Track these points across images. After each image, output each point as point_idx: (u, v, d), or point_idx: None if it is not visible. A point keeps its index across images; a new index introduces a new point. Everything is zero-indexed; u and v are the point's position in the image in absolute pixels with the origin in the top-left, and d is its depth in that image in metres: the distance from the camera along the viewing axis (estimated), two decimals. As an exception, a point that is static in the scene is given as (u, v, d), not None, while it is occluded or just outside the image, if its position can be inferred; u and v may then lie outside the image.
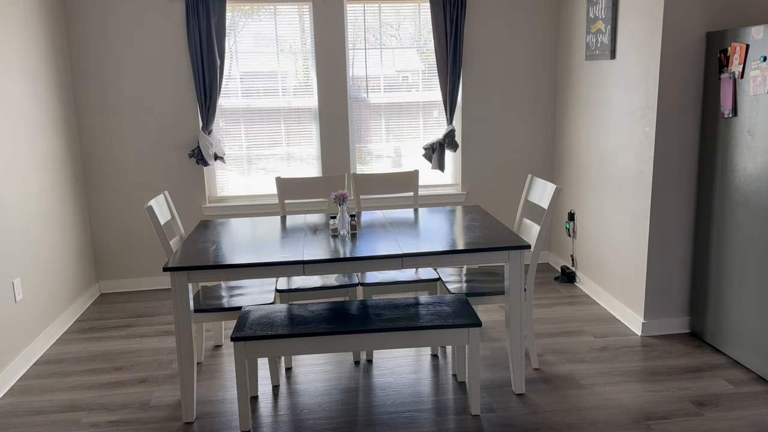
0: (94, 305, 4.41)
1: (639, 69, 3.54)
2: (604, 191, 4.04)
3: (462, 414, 2.86)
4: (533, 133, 4.79)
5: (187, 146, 4.52)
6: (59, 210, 4.02)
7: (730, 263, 3.24)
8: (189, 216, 4.62)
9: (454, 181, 4.86)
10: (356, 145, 4.73)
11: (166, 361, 3.50)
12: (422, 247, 2.82)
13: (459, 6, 4.33)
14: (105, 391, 3.17)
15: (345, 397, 3.04)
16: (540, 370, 3.25)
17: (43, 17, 3.91)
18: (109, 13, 4.28)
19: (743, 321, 3.18)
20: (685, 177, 3.48)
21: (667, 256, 3.55)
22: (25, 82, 3.63)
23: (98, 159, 4.47)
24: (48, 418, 2.92)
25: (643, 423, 2.74)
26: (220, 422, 2.86)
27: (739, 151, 3.13)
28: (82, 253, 4.38)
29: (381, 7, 4.52)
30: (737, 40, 3.08)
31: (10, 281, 3.35)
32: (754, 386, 3.02)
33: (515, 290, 2.87)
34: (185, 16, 4.25)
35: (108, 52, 4.33)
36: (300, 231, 3.23)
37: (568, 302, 4.19)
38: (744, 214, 3.12)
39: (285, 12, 4.46)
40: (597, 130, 4.10)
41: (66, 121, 4.20)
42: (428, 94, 4.69)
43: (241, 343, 2.65)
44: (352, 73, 4.61)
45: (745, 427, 2.69)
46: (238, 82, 4.53)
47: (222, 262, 2.69)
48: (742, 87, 3.07)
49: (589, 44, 4.09)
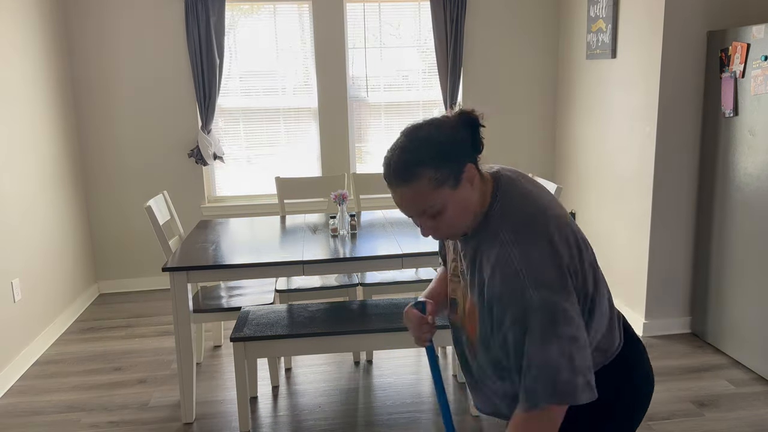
0: (94, 305, 4.40)
1: (640, 68, 3.53)
2: (605, 191, 4.03)
3: (462, 414, 2.85)
4: (534, 132, 4.79)
5: (187, 146, 4.51)
6: (58, 210, 4.01)
7: (731, 263, 3.24)
8: (188, 216, 4.61)
9: (454, 181, 4.85)
10: (356, 145, 4.72)
11: (165, 361, 3.49)
12: (422, 247, 2.81)
13: (459, 5, 4.32)
14: (104, 392, 3.16)
15: (345, 398, 3.03)
16: (540, 370, 3.24)
17: (43, 16, 3.90)
18: (108, 12, 4.27)
19: (744, 321, 3.17)
20: (686, 176, 3.48)
21: (668, 255, 3.54)
22: (25, 81, 3.62)
23: (97, 159, 4.46)
24: (47, 419, 2.92)
25: (644, 423, 2.73)
26: (219, 423, 2.85)
27: (740, 150, 3.12)
28: (82, 253, 4.37)
29: (381, 6, 4.51)
30: (738, 40, 3.07)
31: (9, 281, 3.34)
32: (755, 386, 3.02)
33: (516, 290, 2.86)
34: (184, 15, 4.24)
35: (107, 51, 4.32)
36: (300, 231, 3.22)
37: (569, 302, 4.18)
38: (745, 213, 3.12)
39: (284, 11, 4.45)
40: (598, 129, 4.09)
41: (65, 120, 4.19)
42: (428, 93, 4.68)
43: (241, 344, 2.64)
44: (352, 72, 4.60)
45: (745, 427, 2.68)
46: (237, 81, 4.52)
47: (221, 262, 2.68)
48: (743, 86, 3.06)
49: (590, 43, 4.08)
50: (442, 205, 1.27)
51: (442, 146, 1.26)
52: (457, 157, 1.26)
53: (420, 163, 1.24)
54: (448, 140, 1.27)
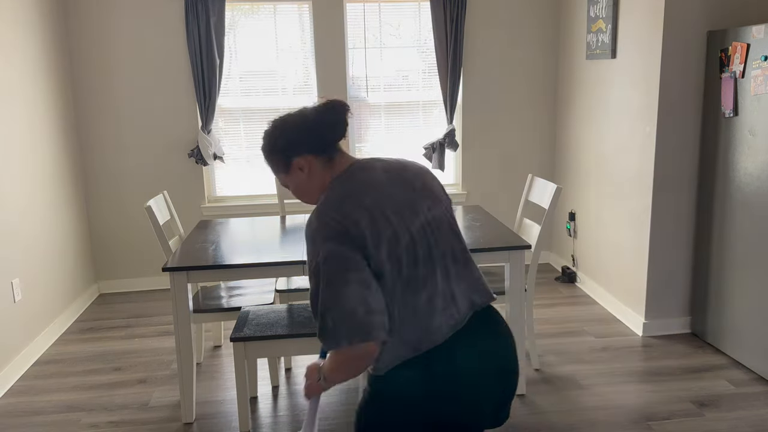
0: (94, 305, 4.40)
1: (640, 68, 3.53)
2: (604, 191, 4.03)
3: (462, 414, 2.85)
4: (534, 132, 4.78)
5: (187, 146, 4.51)
6: (58, 210, 4.01)
7: (732, 263, 3.24)
8: (188, 216, 4.61)
9: (455, 181, 4.86)
10: (356, 145, 4.72)
11: (165, 361, 3.49)
12: (422, 247, 2.81)
13: (459, 5, 4.32)
14: (104, 392, 3.16)
15: (345, 398, 3.03)
16: (540, 370, 3.25)
17: (43, 16, 3.90)
18: (108, 12, 4.27)
19: (744, 321, 3.17)
20: (686, 176, 3.47)
21: (668, 256, 3.54)
22: (24, 82, 3.62)
23: (97, 159, 4.46)
24: (47, 419, 2.92)
25: (644, 423, 2.73)
26: (219, 423, 2.85)
27: (740, 150, 3.12)
28: (82, 253, 4.37)
29: (381, 6, 4.51)
30: (738, 40, 3.07)
31: (9, 281, 3.34)
32: (755, 387, 3.02)
33: (516, 290, 2.86)
34: (184, 15, 4.24)
35: (107, 51, 4.32)
36: (300, 231, 3.21)
37: (569, 302, 4.19)
38: (745, 213, 3.11)
39: (284, 11, 4.45)
40: (598, 129, 4.09)
41: (65, 121, 4.19)
42: (428, 93, 4.68)
43: (241, 344, 2.64)
44: (352, 72, 4.60)
45: (745, 427, 2.68)
46: (237, 81, 4.52)
47: (221, 262, 2.68)
48: (743, 86, 3.06)
49: (590, 43, 4.08)
50: (284, 182, 1.65)
51: (275, 141, 1.61)
52: (284, 151, 1.59)
53: (263, 149, 1.65)
54: (282, 137, 1.60)
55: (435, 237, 1.54)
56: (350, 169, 1.59)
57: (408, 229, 1.50)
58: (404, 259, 1.48)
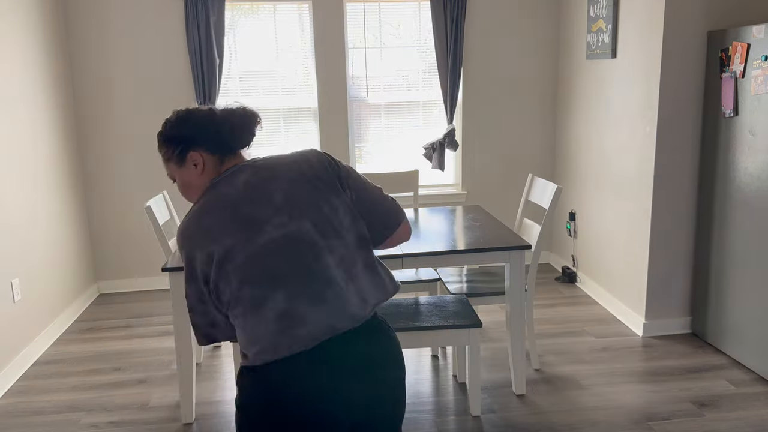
0: (93, 305, 4.40)
1: (640, 68, 3.53)
2: (605, 191, 4.03)
3: (462, 415, 2.85)
4: (534, 132, 4.78)
5: (187, 146, 4.50)
6: (58, 210, 4.01)
7: (732, 263, 3.23)
8: (188, 216, 4.60)
9: (455, 181, 4.85)
10: (356, 145, 4.72)
11: (165, 361, 3.49)
12: (422, 247, 2.81)
13: (459, 5, 4.32)
14: (104, 392, 3.16)
15: (345, 398, 3.03)
16: (541, 370, 3.24)
17: (44, 16, 3.89)
18: (108, 12, 4.27)
19: (744, 321, 3.17)
20: (686, 176, 3.47)
21: (668, 256, 3.54)
22: (24, 82, 3.61)
23: (97, 158, 4.46)
24: (47, 419, 2.92)
25: (644, 423, 2.73)
26: (219, 423, 2.85)
27: (740, 150, 3.12)
28: (81, 253, 4.37)
29: (381, 6, 4.51)
30: (738, 40, 3.07)
31: (9, 281, 3.34)
32: (755, 387, 3.02)
33: (516, 290, 2.86)
34: (184, 15, 4.24)
35: (107, 51, 4.32)
36: (300, 231, 3.21)
37: (569, 302, 4.18)
38: (745, 213, 3.11)
39: (284, 11, 4.45)
40: (598, 129, 4.09)
41: (65, 120, 4.19)
42: (428, 93, 4.68)
43: (241, 344, 2.63)
44: (352, 72, 4.60)
45: (746, 427, 2.68)
46: (237, 81, 4.52)
47: (221, 262, 2.67)
48: (743, 86, 3.06)
49: (590, 43, 4.08)
50: (172, 174, 1.61)
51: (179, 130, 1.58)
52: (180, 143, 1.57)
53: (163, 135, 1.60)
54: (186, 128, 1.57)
55: (284, 255, 1.45)
56: (220, 178, 1.55)
57: (244, 249, 1.44)
58: (240, 278, 1.44)
